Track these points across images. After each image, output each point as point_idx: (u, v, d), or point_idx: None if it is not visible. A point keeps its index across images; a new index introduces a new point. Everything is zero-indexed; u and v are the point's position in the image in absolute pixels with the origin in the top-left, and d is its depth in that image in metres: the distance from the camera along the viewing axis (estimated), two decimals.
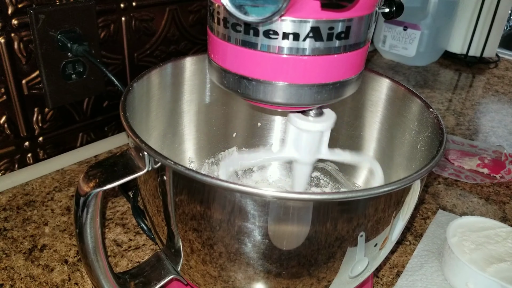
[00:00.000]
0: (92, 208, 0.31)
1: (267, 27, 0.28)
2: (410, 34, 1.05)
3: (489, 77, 1.07)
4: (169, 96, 0.46)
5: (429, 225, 0.56)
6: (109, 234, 0.52)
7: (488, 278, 0.43)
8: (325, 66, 0.30)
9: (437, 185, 0.64)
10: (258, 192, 0.27)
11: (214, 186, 0.28)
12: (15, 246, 0.49)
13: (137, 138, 0.31)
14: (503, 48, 1.21)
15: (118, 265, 0.48)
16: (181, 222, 0.32)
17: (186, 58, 0.46)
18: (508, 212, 0.60)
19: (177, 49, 0.69)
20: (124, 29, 0.61)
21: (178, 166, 0.28)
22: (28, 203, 0.55)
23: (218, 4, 0.30)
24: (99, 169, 0.31)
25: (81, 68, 0.57)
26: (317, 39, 0.29)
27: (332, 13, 0.28)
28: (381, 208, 0.31)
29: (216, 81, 0.34)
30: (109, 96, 0.64)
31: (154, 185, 0.33)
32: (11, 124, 0.55)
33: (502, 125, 0.85)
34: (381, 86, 0.45)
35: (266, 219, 0.29)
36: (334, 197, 0.28)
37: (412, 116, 0.42)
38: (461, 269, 0.45)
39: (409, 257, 0.51)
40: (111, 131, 0.66)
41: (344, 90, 0.33)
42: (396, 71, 1.06)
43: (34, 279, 0.45)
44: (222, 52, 0.32)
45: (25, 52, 0.52)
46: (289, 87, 0.31)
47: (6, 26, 0.50)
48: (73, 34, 0.55)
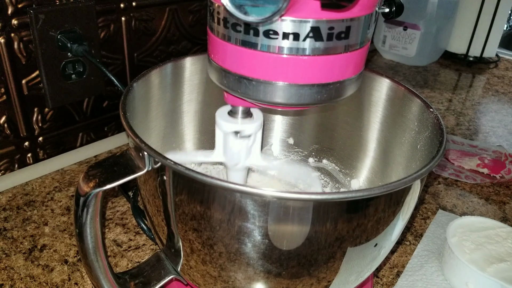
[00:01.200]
0: (92, 208, 0.31)
1: (267, 27, 0.28)
2: (410, 34, 1.05)
3: (489, 77, 1.07)
4: (169, 96, 0.46)
5: (429, 225, 0.56)
6: (109, 234, 0.52)
7: (488, 278, 0.43)
8: (325, 66, 0.30)
9: (437, 185, 0.64)
10: (258, 192, 0.27)
11: (214, 186, 0.28)
12: (15, 246, 0.49)
13: (137, 138, 0.31)
14: (503, 48, 1.21)
15: (118, 265, 0.48)
16: (181, 222, 0.32)
17: (186, 58, 0.46)
18: (508, 212, 0.60)
19: (177, 49, 0.69)
20: (124, 29, 0.61)
21: (178, 166, 0.28)
22: (28, 203, 0.55)
23: (218, 4, 0.30)
24: (99, 169, 0.31)
25: (81, 68, 0.57)
26: (317, 39, 0.29)
27: (332, 13, 0.28)
28: (381, 208, 0.30)
29: (216, 81, 0.34)
30: (109, 96, 0.64)
31: (154, 185, 0.33)
32: (11, 124, 0.54)
33: (502, 125, 0.85)
34: (381, 86, 0.45)
35: (266, 219, 0.29)
36: (334, 197, 0.28)
37: (412, 116, 0.42)
38: (461, 269, 0.45)
39: (409, 257, 0.51)
40: (111, 131, 0.66)
41: (344, 90, 0.33)
42: (396, 71, 1.06)
43: (34, 279, 0.45)
44: (222, 52, 0.32)
45: (25, 52, 0.52)
46: (289, 87, 0.31)
47: (6, 26, 0.50)
48: (73, 34, 0.55)
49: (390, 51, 1.10)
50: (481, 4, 1.04)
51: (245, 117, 0.38)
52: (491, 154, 0.71)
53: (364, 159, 0.49)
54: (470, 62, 1.11)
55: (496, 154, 0.72)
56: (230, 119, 0.37)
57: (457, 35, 1.11)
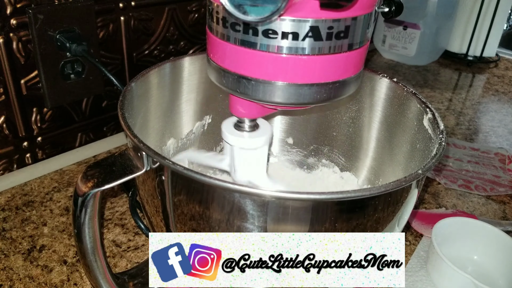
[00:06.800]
0: (91, 209, 0.31)
1: (266, 27, 0.28)
2: (410, 33, 1.05)
3: (489, 77, 1.07)
4: (167, 95, 0.46)
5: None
6: (108, 235, 0.52)
7: (463, 275, 0.43)
8: (324, 66, 0.30)
9: (437, 185, 0.64)
10: (257, 192, 0.27)
11: (213, 186, 0.28)
12: (14, 246, 0.49)
13: (136, 138, 0.31)
14: (503, 48, 1.21)
15: (117, 266, 0.47)
16: (180, 222, 0.32)
17: (185, 58, 0.46)
18: (508, 212, 0.60)
19: (176, 48, 0.69)
20: (123, 28, 0.61)
21: (177, 166, 0.28)
22: (27, 203, 0.55)
23: (217, 3, 0.30)
24: (98, 169, 0.31)
25: (80, 68, 0.57)
26: (316, 39, 0.28)
27: (331, 12, 0.28)
28: (380, 208, 0.30)
29: (215, 81, 0.34)
30: (108, 96, 0.63)
31: (152, 185, 0.32)
32: (9, 124, 0.54)
33: (502, 124, 0.85)
34: (380, 85, 0.45)
35: (265, 219, 0.29)
36: (333, 197, 0.28)
37: (411, 116, 0.41)
38: (439, 266, 0.45)
39: (409, 258, 0.51)
40: (110, 131, 0.66)
41: (344, 90, 0.32)
42: (396, 70, 1.06)
43: (33, 279, 0.45)
44: (221, 51, 0.31)
45: (23, 52, 0.52)
46: (288, 86, 0.31)
47: (4, 26, 0.50)
48: (72, 34, 0.55)
49: (389, 51, 1.10)
50: (481, 3, 1.04)
51: (252, 130, 0.37)
52: (492, 161, 0.70)
53: (364, 159, 0.49)
54: (470, 61, 1.11)
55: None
56: (235, 132, 0.37)
57: (457, 35, 1.11)
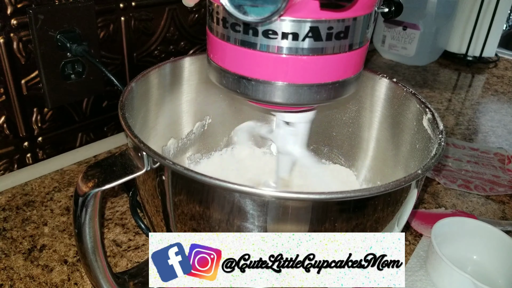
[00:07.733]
0: (91, 208, 0.31)
1: (266, 27, 0.28)
2: (409, 33, 1.05)
3: (489, 77, 1.07)
4: (168, 96, 0.46)
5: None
6: (108, 234, 0.52)
7: (462, 275, 0.43)
8: (324, 66, 0.30)
9: (436, 185, 0.64)
10: (257, 192, 0.27)
11: (213, 186, 0.28)
12: (14, 246, 0.49)
13: (136, 138, 0.31)
14: (502, 48, 1.21)
15: (117, 265, 0.48)
16: (180, 222, 0.32)
17: (185, 58, 0.46)
18: (507, 212, 0.60)
19: (176, 49, 0.69)
20: (123, 29, 0.61)
21: (177, 166, 0.28)
22: (27, 203, 0.55)
23: (217, 4, 0.30)
24: (98, 169, 0.31)
25: (80, 68, 0.57)
26: (316, 39, 0.29)
27: (331, 13, 0.28)
28: (380, 208, 0.30)
29: (215, 81, 0.34)
30: (109, 96, 0.63)
31: (153, 185, 0.33)
32: (10, 124, 0.54)
33: (501, 124, 0.85)
34: (380, 86, 0.45)
35: (265, 219, 0.29)
36: (333, 197, 0.28)
37: (411, 116, 0.42)
38: (439, 266, 0.45)
39: (409, 257, 0.51)
40: (111, 131, 0.66)
41: (344, 90, 0.33)
42: (396, 70, 1.06)
43: (34, 279, 0.45)
44: (221, 52, 0.32)
45: (24, 52, 0.52)
46: (288, 87, 0.31)
47: (5, 26, 0.50)
48: (73, 34, 0.55)
49: (389, 51, 1.10)
50: (480, 3, 1.04)
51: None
52: (491, 161, 0.70)
53: (363, 158, 0.49)
54: (469, 61, 1.11)
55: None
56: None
57: (457, 35, 1.11)
